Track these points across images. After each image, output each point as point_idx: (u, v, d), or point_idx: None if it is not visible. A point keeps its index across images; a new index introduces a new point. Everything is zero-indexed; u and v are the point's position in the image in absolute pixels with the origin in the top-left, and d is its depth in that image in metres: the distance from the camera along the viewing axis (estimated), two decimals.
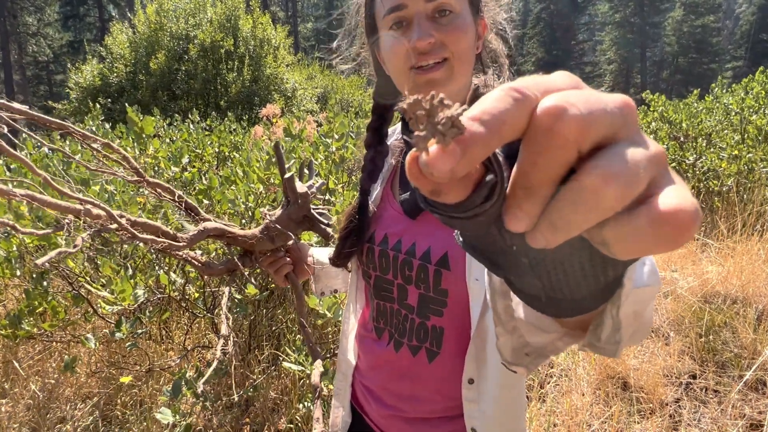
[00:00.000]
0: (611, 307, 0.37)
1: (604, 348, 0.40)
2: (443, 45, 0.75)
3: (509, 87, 0.23)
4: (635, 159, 0.23)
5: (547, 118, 0.23)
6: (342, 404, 1.01)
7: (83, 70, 9.36)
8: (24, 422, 2.35)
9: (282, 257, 1.07)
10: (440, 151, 0.23)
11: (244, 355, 2.62)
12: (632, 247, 0.23)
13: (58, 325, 2.45)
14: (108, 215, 0.76)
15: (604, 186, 0.22)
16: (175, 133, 4.04)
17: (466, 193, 0.26)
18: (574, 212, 0.23)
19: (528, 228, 0.25)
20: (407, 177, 0.25)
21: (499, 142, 0.23)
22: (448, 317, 0.81)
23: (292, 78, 10.96)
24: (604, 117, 0.23)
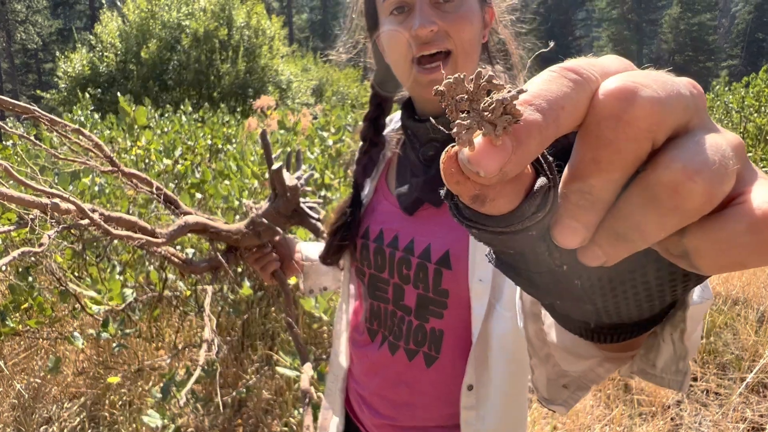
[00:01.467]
0: (671, 330, 0.31)
1: (663, 378, 0.34)
2: (446, 34, 0.69)
3: (562, 66, 0.19)
4: (721, 148, 0.18)
5: (614, 103, 0.18)
6: (334, 408, 0.95)
7: (72, 59, 9.17)
8: (8, 422, 2.27)
9: (269, 253, 1.01)
10: (489, 144, 0.17)
11: (237, 354, 2.55)
12: (723, 259, 0.18)
13: (44, 322, 2.36)
14: (78, 210, 0.69)
15: (688, 182, 0.17)
16: (167, 125, 3.94)
17: (518, 200, 0.20)
18: (647, 218, 0.18)
19: (583, 242, 0.20)
20: (443, 179, 0.19)
21: (555, 134, 0.18)
22: (449, 320, 0.76)
23: (287, 70, 10.83)
24: (680, 101, 0.19)
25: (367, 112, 0.87)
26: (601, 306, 0.27)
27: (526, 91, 0.18)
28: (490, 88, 0.18)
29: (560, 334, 0.41)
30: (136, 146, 2.74)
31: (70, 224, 0.70)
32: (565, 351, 0.41)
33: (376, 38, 0.81)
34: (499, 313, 0.71)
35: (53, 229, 0.70)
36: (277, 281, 1.04)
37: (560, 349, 0.41)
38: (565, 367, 0.42)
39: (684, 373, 0.33)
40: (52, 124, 0.86)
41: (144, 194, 0.92)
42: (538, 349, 0.42)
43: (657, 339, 0.33)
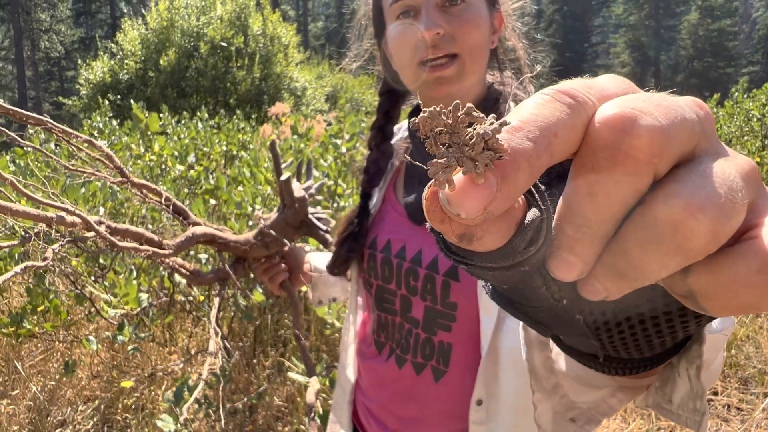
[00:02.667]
0: (687, 365, 0.29)
1: (680, 415, 0.32)
2: (453, 38, 0.69)
3: (556, 89, 0.18)
4: (729, 179, 0.17)
5: (611, 132, 0.16)
6: (341, 421, 0.94)
7: (93, 67, 9.39)
8: (24, 424, 2.30)
9: (277, 264, 1.00)
10: (470, 183, 0.16)
11: (249, 360, 2.55)
12: (733, 301, 0.16)
13: (60, 325, 2.40)
14: (84, 223, 0.69)
15: (690, 220, 0.16)
16: (183, 131, 3.99)
17: (507, 235, 0.18)
18: (646, 256, 0.17)
19: (581, 275, 0.19)
20: (427, 219, 0.18)
21: (548, 164, 0.17)
22: (457, 333, 0.75)
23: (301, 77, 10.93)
24: (685, 126, 0.17)
25: (375, 120, 0.86)
26: (607, 341, 0.25)
27: (510, 124, 0.17)
28: (470, 121, 0.17)
29: (570, 362, 0.39)
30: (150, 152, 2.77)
31: (76, 237, 0.71)
32: (576, 380, 0.39)
33: (383, 44, 0.80)
34: (509, 326, 0.70)
35: (58, 243, 0.70)
36: (285, 292, 1.03)
37: (570, 379, 0.39)
38: (574, 398, 0.40)
39: (702, 413, 0.30)
40: (64, 134, 0.87)
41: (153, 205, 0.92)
42: (545, 379, 0.40)
43: (673, 372, 0.31)
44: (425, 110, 0.17)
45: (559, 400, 0.40)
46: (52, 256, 0.64)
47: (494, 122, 0.16)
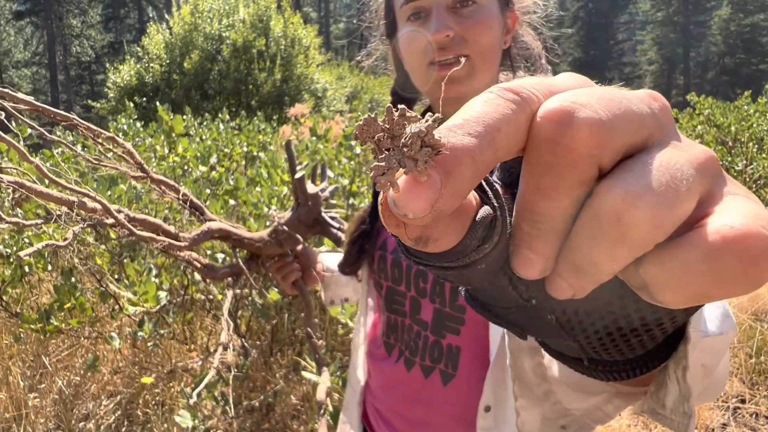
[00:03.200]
0: (675, 368, 0.28)
1: (672, 420, 0.31)
2: (463, 39, 0.68)
3: (501, 87, 0.18)
4: (674, 168, 0.17)
5: (550, 126, 0.16)
6: (351, 422, 0.94)
7: (121, 70, 9.65)
8: (50, 417, 2.38)
9: (290, 263, 1.01)
10: (413, 182, 0.16)
11: (266, 358, 2.58)
12: (683, 291, 0.16)
13: (85, 321, 2.47)
14: (104, 209, 0.71)
15: (630, 209, 0.16)
16: (205, 132, 4.06)
17: (460, 235, 0.18)
18: (596, 249, 0.17)
19: (543, 273, 0.19)
20: (384, 225, 0.18)
21: (493, 159, 0.17)
22: (466, 336, 0.74)
23: (322, 78, 11.01)
24: (630, 118, 0.17)
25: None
26: (585, 343, 0.24)
27: (443, 120, 0.17)
28: (406, 122, 0.17)
29: (565, 368, 0.38)
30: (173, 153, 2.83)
31: (95, 222, 0.73)
32: (571, 387, 0.38)
33: (395, 45, 0.81)
34: None
35: (78, 225, 0.72)
36: (298, 291, 1.04)
37: (564, 385, 0.38)
38: (568, 404, 0.39)
39: (689, 416, 0.30)
40: (88, 131, 0.90)
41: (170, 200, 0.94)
42: (536, 386, 0.39)
43: (664, 376, 0.30)
44: (362, 117, 0.17)
45: (550, 406, 0.39)
46: (71, 236, 0.66)
47: (429, 119, 0.16)
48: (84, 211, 0.75)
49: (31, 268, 2.54)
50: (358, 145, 2.77)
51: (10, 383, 2.48)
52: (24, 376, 2.54)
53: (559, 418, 0.40)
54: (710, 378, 0.35)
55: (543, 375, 0.39)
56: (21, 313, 2.41)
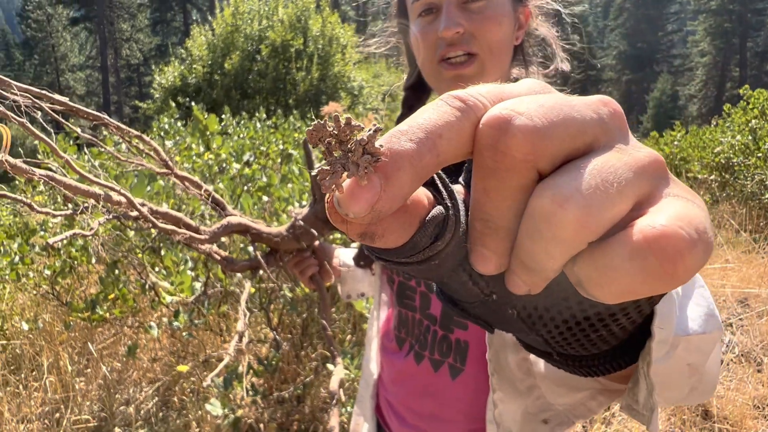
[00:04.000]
0: (642, 363, 0.29)
1: (643, 415, 0.32)
2: (472, 36, 0.68)
3: (449, 95, 0.19)
4: (607, 171, 0.17)
5: (489, 132, 0.17)
6: (364, 414, 0.96)
7: (166, 72, 10.03)
8: (95, 400, 2.52)
9: (308, 258, 1.03)
10: (355, 185, 0.17)
11: (297, 351, 2.64)
12: (613, 287, 0.17)
13: (127, 312, 2.60)
14: (129, 202, 0.74)
15: (558, 210, 0.17)
16: (242, 131, 4.17)
17: (409, 233, 0.19)
18: (535, 247, 0.18)
19: (499, 268, 0.20)
20: (330, 221, 0.20)
21: (435, 163, 0.18)
22: (474, 331, 0.74)
23: (359, 76, 11.08)
24: (569, 125, 0.18)
25: (400, 115, 0.87)
26: (548, 337, 0.25)
27: (381, 129, 0.18)
28: (351, 130, 0.18)
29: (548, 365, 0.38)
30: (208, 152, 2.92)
31: (120, 214, 0.77)
32: (555, 382, 0.38)
33: (407, 40, 0.81)
34: None
35: (104, 216, 0.76)
36: (315, 285, 1.06)
37: (549, 381, 0.38)
38: (552, 399, 0.39)
39: (651, 409, 0.30)
40: (118, 130, 0.95)
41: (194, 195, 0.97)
42: (519, 381, 0.39)
43: (636, 374, 0.30)
44: (311, 124, 0.19)
45: (533, 401, 0.39)
46: (96, 227, 0.70)
47: (371, 129, 0.18)
48: (110, 204, 0.79)
49: (78, 261, 2.69)
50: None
51: (60, 368, 2.64)
52: (72, 362, 2.70)
53: (541, 412, 0.40)
54: (698, 377, 0.34)
55: (528, 370, 0.39)
56: (70, 303, 2.56)
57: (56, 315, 3.02)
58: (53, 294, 2.79)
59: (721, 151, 5.81)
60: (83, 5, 30.01)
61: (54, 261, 2.73)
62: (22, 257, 2.74)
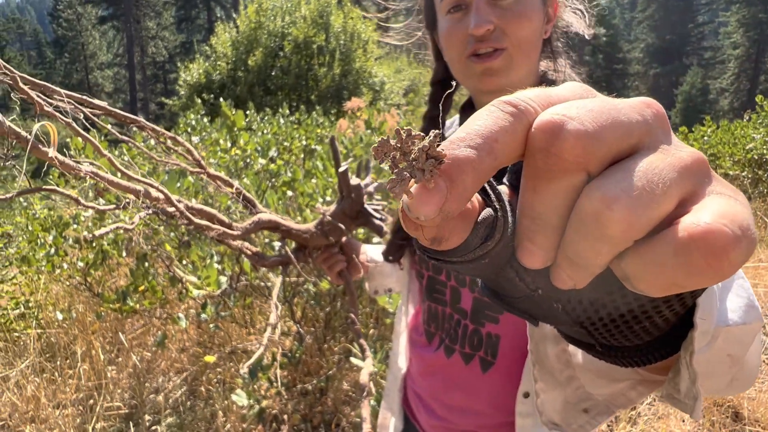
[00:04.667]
0: (684, 353, 0.30)
1: (684, 403, 0.33)
2: (503, 32, 0.68)
3: (501, 100, 0.20)
4: (653, 172, 0.18)
5: (542, 136, 0.19)
6: (392, 408, 0.97)
7: (191, 69, 10.21)
8: (125, 388, 2.60)
9: (336, 254, 1.05)
10: (422, 189, 0.19)
11: (320, 345, 2.67)
12: (658, 282, 0.18)
13: (156, 303, 2.67)
14: (166, 198, 0.77)
15: (606, 211, 0.18)
16: (266, 127, 4.23)
17: (465, 234, 0.21)
18: (582, 245, 0.19)
19: (545, 263, 0.21)
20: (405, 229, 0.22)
21: (492, 167, 0.19)
22: (505, 325, 0.75)
23: (380, 72, 11.07)
24: (617, 128, 0.19)
25: (426, 111, 0.88)
26: (592, 329, 0.26)
27: (443, 134, 0.19)
28: (413, 140, 0.20)
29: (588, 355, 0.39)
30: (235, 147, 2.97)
31: (158, 209, 0.79)
32: (595, 373, 0.39)
33: (435, 36, 0.81)
34: None
35: (144, 211, 0.79)
36: (343, 281, 1.08)
37: (589, 372, 0.39)
38: (591, 390, 0.40)
39: (695, 398, 0.31)
40: (153, 132, 0.98)
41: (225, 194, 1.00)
42: (558, 372, 0.40)
43: (678, 363, 0.31)
44: (376, 140, 0.21)
45: (573, 391, 0.40)
46: (137, 220, 0.73)
47: (431, 136, 0.19)
48: (149, 200, 0.81)
49: (109, 253, 2.78)
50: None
51: (93, 356, 2.73)
52: (104, 351, 2.80)
53: (581, 402, 0.41)
54: (738, 367, 0.35)
55: (567, 361, 0.40)
56: (102, 294, 2.65)
57: (88, 305, 3.12)
58: (86, 285, 2.88)
59: (754, 147, 5.63)
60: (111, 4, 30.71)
61: (86, 253, 2.82)
62: (57, 249, 2.84)
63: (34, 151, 0.53)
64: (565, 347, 0.40)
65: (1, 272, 3.33)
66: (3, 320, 2.94)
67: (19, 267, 3.10)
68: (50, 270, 2.82)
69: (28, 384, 2.53)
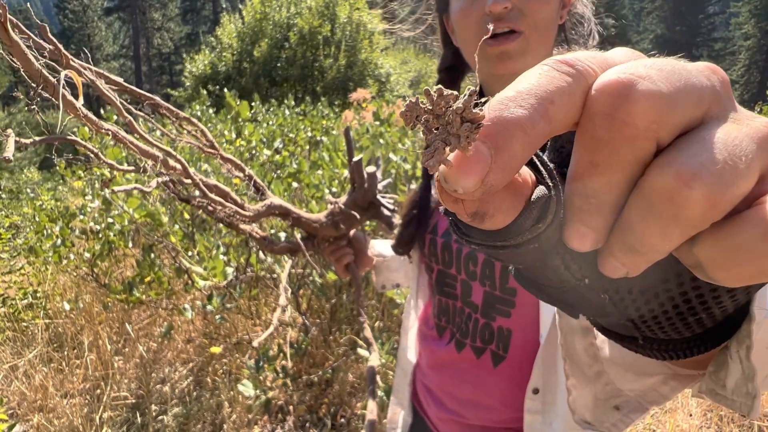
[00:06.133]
0: (737, 347, 0.27)
1: (734, 401, 0.30)
2: (521, 12, 0.66)
3: (555, 59, 0.18)
4: (732, 144, 0.16)
5: (607, 99, 0.16)
6: (401, 403, 0.96)
7: (196, 60, 10.20)
8: (132, 378, 2.62)
9: (344, 246, 1.03)
10: (461, 158, 0.16)
11: (325, 336, 2.67)
12: (741, 270, 0.16)
13: (162, 294, 2.68)
14: (183, 168, 0.76)
15: (684, 188, 0.15)
16: (272, 118, 4.21)
17: (514, 213, 0.18)
18: (649, 229, 0.16)
19: (595, 245, 0.18)
20: (442, 203, 0.19)
21: (546, 132, 0.16)
22: (516, 319, 0.74)
23: (386, 63, 11.01)
24: (690, 92, 0.16)
25: None
26: (639, 321, 0.24)
27: (476, 91, 0.16)
28: (446, 101, 0.17)
29: (619, 349, 0.37)
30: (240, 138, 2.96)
31: (175, 178, 0.78)
32: (625, 368, 0.37)
33: (445, 18, 0.79)
34: None
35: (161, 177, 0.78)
36: (350, 274, 1.06)
37: (617, 366, 0.37)
38: (621, 385, 0.38)
39: (753, 396, 0.28)
40: (168, 111, 0.97)
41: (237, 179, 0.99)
42: (587, 366, 0.38)
43: (724, 356, 0.29)
44: (404, 101, 0.18)
45: (602, 387, 0.38)
46: (155, 184, 0.72)
47: (465, 94, 0.16)
48: (165, 168, 0.80)
49: (116, 244, 2.78)
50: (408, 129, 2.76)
51: (99, 347, 2.74)
52: (111, 341, 2.81)
53: (611, 398, 0.39)
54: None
55: (595, 355, 0.38)
56: (108, 285, 2.66)
57: (95, 296, 3.14)
58: (92, 276, 2.89)
59: None
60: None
61: (93, 244, 2.83)
62: (64, 240, 2.85)
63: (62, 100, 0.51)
64: (593, 340, 0.38)
65: (9, 262, 3.35)
66: (11, 310, 2.96)
67: (27, 257, 3.12)
68: (57, 261, 2.83)
69: (36, 373, 2.55)
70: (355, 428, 2.25)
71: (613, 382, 0.39)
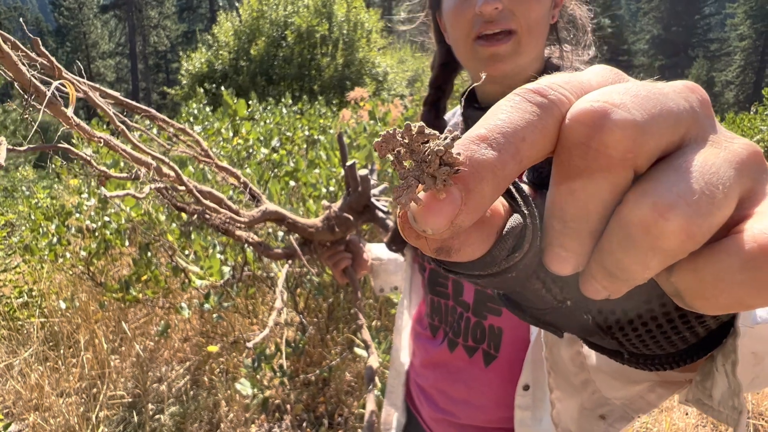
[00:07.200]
0: (723, 361, 0.27)
1: (720, 412, 0.30)
2: (512, 13, 0.65)
3: (527, 89, 0.17)
4: (710, 172, 0.16)
5: (581, 129, 0.15)
6: (395, 404, 0.96)
7: (193, 58, 10.16)
8: (128, 377, 2.61)
9: (341, 251, 1.03)
10: (432, 199, 0.16)
11: (323, 335, 2.67)
12: (719, 299, 0.16)
13: (159, 293, 2.67)
14: (177, 176, 0.76)
15: (660, 220, 0.15)
16: (269, 116, 4.20)
17: (488, 244, 0.18)
18: (627, 257, 0.16)
19: (576, 268, 0.18)
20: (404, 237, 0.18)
21: (516, 171, 0.16)
22: (507, 317, 0.74)
23: (383, 62, 11.00)
24: (667, 117, 0.16)
25: (427, 96, 0.85)
26: (623, 339, 0.24)
27: (459, 137, 0.16)
28: (424, 139, 0.17)
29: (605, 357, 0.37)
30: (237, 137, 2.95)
31: (168, 185, 0.78)
32: (611, 376, 0.37)
33: (438, 16, 0.79)
34: None
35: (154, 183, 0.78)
36: (348, 278, 1.06)
37: (603, 374, 0.37)
38: (608, 393, 0.38)
39: (739, 411, 0.28)
40: (164, 122, 0.97)
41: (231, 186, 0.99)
42: (573, 375, 0.38)
43: (711, 366, 0.29)
44: (381, 133, 0.17)
45: (589, 396, 0.38)
46: (148, 191, 0.71)
47: (448, 137, 0.16)
48: (159, 175, 0.80)
49: (112, 243, 2.77)
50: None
51: (96, 345, 2.73)
52: (107, 340, 2.80)
53: (597, 408, 0.39)
54: (761, 366, 0.33)
55: (581, 364, 0.38)
56: (105, 283, 2.65)
57: (91, 295, 3.12)
58: (88, 274, 2.88)
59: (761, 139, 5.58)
60: None
61: (89, 243, 2.82)
62: (59, 238, 2.83)
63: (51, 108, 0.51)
64: (579, 349, 0.38)
65: (4, 261, 3.33)
66: (7, 309, 2.94)
67: (23, 256, 3.10)
68: (53, 259, 2.82)
69: (31, 372, 2.54)
70: (352, 427, 2.25)
71: (600, 390, 0.39)
